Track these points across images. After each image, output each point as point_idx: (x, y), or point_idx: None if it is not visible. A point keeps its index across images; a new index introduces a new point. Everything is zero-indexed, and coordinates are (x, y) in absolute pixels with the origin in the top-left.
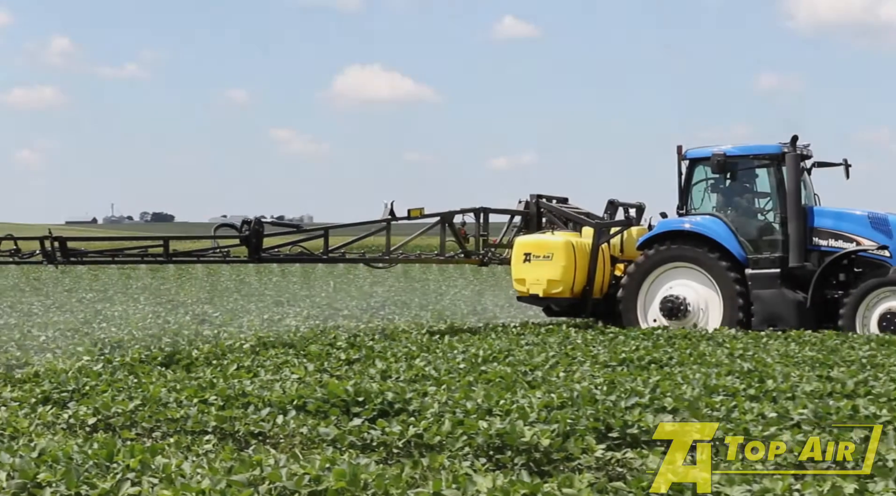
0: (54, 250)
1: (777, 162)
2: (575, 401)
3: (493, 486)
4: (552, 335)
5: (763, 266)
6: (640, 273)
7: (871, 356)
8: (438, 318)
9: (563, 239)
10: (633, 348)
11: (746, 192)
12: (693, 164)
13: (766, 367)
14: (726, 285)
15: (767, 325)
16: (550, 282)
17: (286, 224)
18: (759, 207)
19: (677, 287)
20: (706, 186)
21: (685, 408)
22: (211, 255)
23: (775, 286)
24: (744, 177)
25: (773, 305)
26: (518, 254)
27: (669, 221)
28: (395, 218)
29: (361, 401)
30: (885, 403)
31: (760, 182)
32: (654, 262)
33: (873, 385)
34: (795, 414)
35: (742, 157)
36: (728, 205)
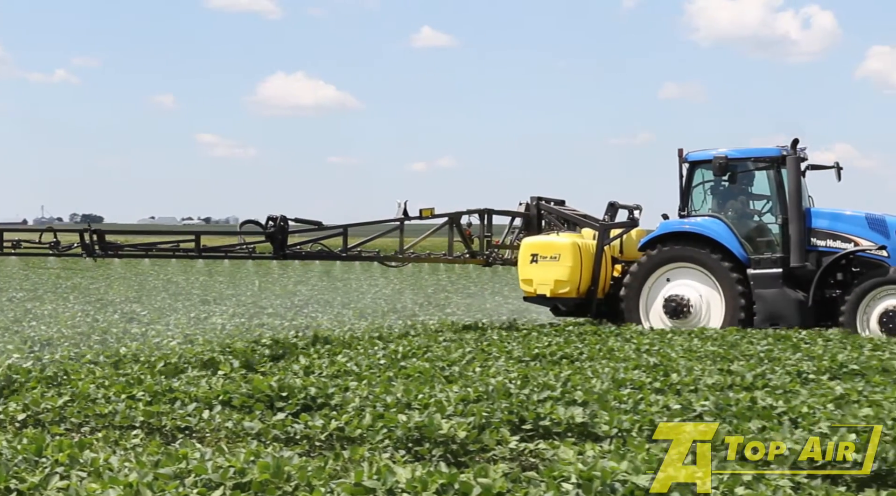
0: (93, 243)
1: (777, 164)
2: (490, 395)
3: (411, 477)
4: (469, 332)
5: (765, 266)
6: (642, 273)
7: (768, 350)
8: (360, 316)
9: (569, 240)
10: (545, 344)
11: (746, 194)
12: (693, 167)
13: (671, 362)
14: (728, 285)
15: (769, 324)
16: (558, 282)
17: (308, 221)
18: (759, 209)
19: (679, 287)
20: (706, 188)
21: (594, 400)
22: (238, 251)
23: (777, 286)
24: (743, 179)
25: (774, 305)
26: (525, 254)
27: (671, 223)
28: (409, 217)
29: (285, 396)
30: (782, 395)
31: (759, 184)
32: (656, 263)
33: (770, 378)
34: (698, 406)
35: (742, 160)
36: (728, 206)
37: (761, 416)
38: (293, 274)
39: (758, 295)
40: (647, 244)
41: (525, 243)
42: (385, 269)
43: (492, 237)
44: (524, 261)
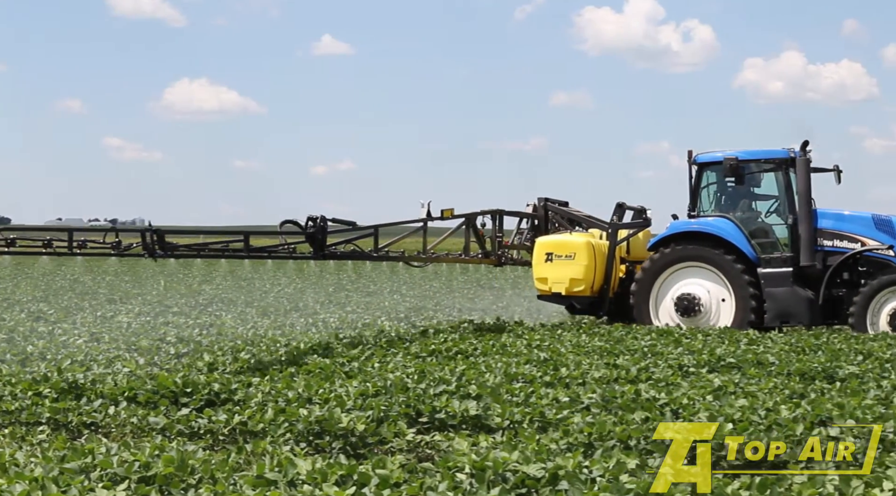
0: (153, 243)
1: (785, 166)
2: (388, 390)
3: (312, 469)
4: (368, 329)
5: (775, 265)
6: (652, 273)
7: (651, 345)
8: (263, 314)
9: (584, 239)
10: (441, 340)
11: (753, 195)
12: (702, 168)
13: (560, 357)
14: (738, 284)
15: (780, 322)
16: (573, 280)
17: (343, 222)
18: (767, 209)
19: (689, 286)
20: (714, 189)
21: (488, 394)
22: (281, 251)
23: (788, 284)
24: (750, 180)
25: (785, 303)
26: (539, 253)
27: (681, 223)
28: (432, 217)
29: (189, 392)
30: (664, 387)
31: (767, 185)
32: (666, 262)
33: (653, 371)
34: (585, 398)
35: (752, 161)
36: (737, 207)
37: (645, 408)
38: (198, 273)
39: (768, 293)
40: (657, 244)
41: (540, 242)
42: (287, 269)
43: (503, 237)
44: (539, 260)
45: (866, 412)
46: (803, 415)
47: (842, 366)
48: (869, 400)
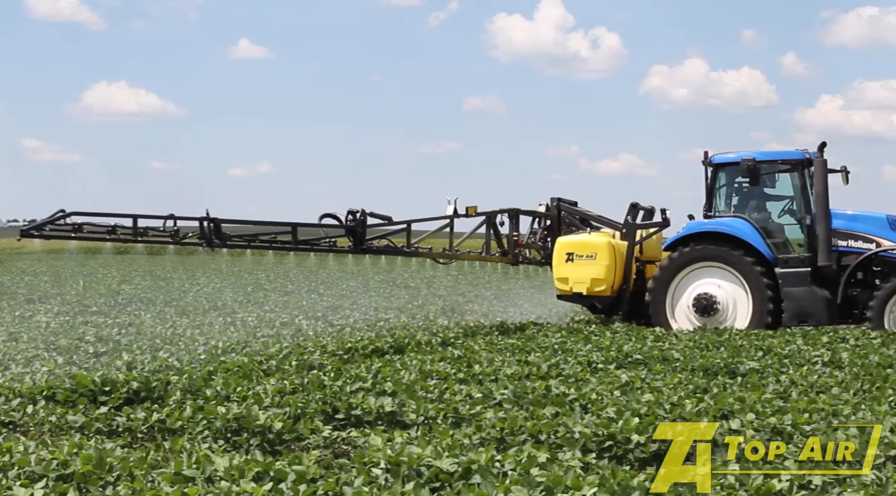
0: (210, 232)
1: (801, 167)
2: (305, 387)
3: (229, 466)
4: (286, 328)
5: (793, 265)
6: (669, 272)
7: (562, 343)
8: (182, 313)
9: (605, 239)
10: (358, 339)
11: (769, 196)
12: (717, 169)
13: (474, 354)
14: (756, 284)
15: (798, 322)
16: (594, 280)
17: (381, 216)
18: (782, 209)
19: (706, 286)
20: (730, 190)
21: (403, 391)
22: (322, 244)
23: (806, 284)
24: (765, 180)
25: (803, 302)
26: (560, 253)
27: (698, 223)
28: (458, 214)
29: (108, 390)
30: (573, 383)
31: (782, 185)
32: (683, 262)
33: (563, 367)
34: (498, 394)
35: (769, 162)
36: (752, 207)
37: (555, 403)
38: (116, 273)
39: (786, 293)
40: (674, 244)
41: (560, 242)
42: (206, 269)
43: (519, 237)
44: (559, 260)
45: (766, 405)
46: (706, 408)
47: (743, 361)
48: (768, 394)
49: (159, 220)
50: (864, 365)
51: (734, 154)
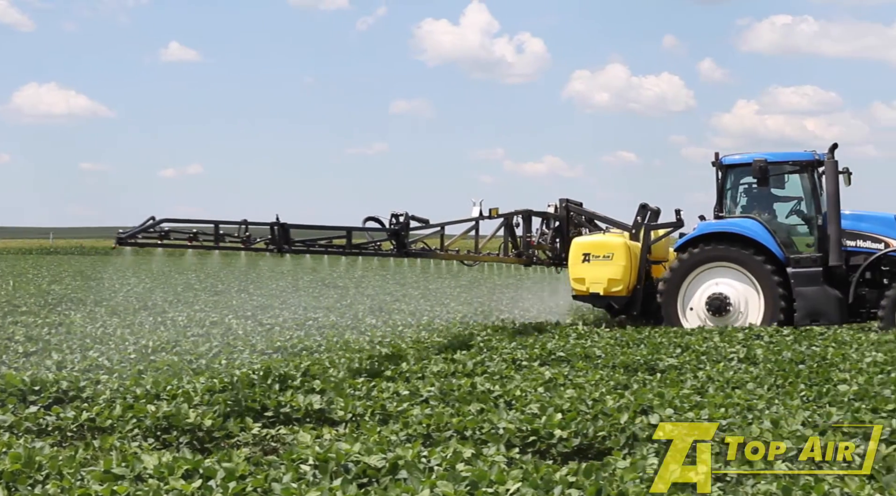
0: (280, 237)
1: (811, 168)
2: (235, 386)
3: (159, 463)
4: (216, 327)
5: (805, 265)
6: (681, 273)
7: (487, 340)
8: (112, 313)
9: (622, 240)
10: (287, 338)
11: (778, 196)
12: (727, 170)
13: (402, 352)
14: (768, 283)
15: (810, 321)
16: (611, 281)
17: (419, 219)
18: (792, 210)
19: (719, 286)
20: (740, 190)
21: (331, 389)
22: (371, 248)
23: (818, 283)
24: (775, 181)
25: (816, 302)
26: (576, 254)
27: (710, 223)
28: (482, 216)
29: (37, 389)
30: (498, 380)
31: (791, 186)
32: (695, 262)
33: (489, 365)
34: (424, 391)
35: (779, 164)
36: (762, 207)
37: (480, 400)
38: (47, 273)
39: (798, 292)
40: (686, 244)
41: (576, 243)
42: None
43: (531, 237)
44: (576, 261)
45: (684, 401)
46: (626, 404)
47: (662, 358)
48: (686, 389)
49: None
50: (777, 361)
51: (745, 155)
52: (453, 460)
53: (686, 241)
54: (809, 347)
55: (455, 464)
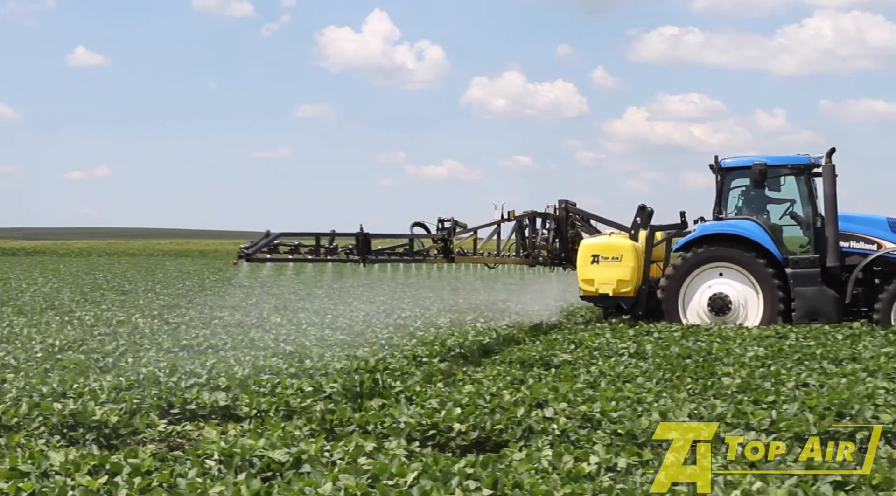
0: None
1: (807, 171)
2: (141, 383)
3: (65, 460)
4: (123, 326)
5: (803, 265)
6: (683, 272)
7: (389, 338)
8: (19, 313)
9: (629, 242)
10: (193, 336)
11: (775, 199)
12: (726, 173)
13: (305, 349)
14: (767, 283)
15: (809, 320)
16: (620, 281)
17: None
18: (788, 212)
19: (719, 286)
20: (738, 193)
21: (236, 385)
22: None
23: (816, 284)
24: (771, 184)
25: (814, 301)
26: (585, 255)
27: (710, 225)
28: (504, 219)
29: None
30: (399, 376)
31: (787, 189)
32: (697, 262)
33: (390, 361)
34: (328, 388)
35: (777, 167)
36: (760, 209)
37: (382, 395)
38: None
39: (797, 292)
40: (686, 245)
41: (585, 244)
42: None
43: (538, 238)
44: (585, 262)
45: (577, 395)
46: (523, 398)
47: (556, 354)
48: (580, 384)
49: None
50: (665, 356)
51: (744, 158)
52: (355, 454)
53: (688, 242)
54: (696, 343)
55: (357, 458)
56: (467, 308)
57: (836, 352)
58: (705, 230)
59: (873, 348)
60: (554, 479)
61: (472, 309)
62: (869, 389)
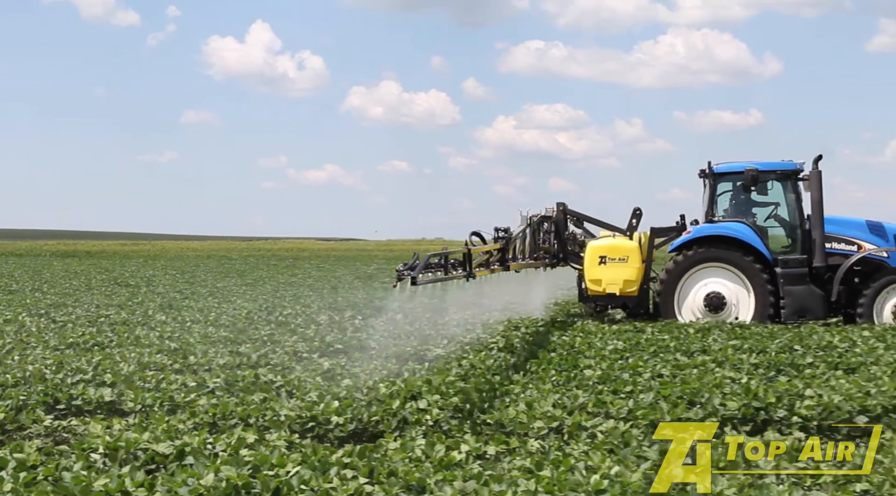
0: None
1: (794, 176)
2: (28, 380)
3: None
4: (9, 324)
5: (792, 266)
6: (679, 272)
7: (270, 334)
8: None
9: (634, 244)
10: (80, 334)
11: (763, 202)
12: (717, 178)
13: (189, 346)
14: (758, 282)
15: (797, 317)
16: (626, 282)
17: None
18: (775, 215)
19: (713, 285)
20: (730, 197)
21: (122, 381)
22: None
23: (805, 283)
24: (759, 188)
25: (803, 300)
26: (593, 256)
27: (704, 227)
28: (530, 225)
29: None
30: (280, 371)
31: (774, 193)
32: (692, 262)
33: (272, 357)
34: (211, 382)
35: (767, 172)
36: (747, 212)
37: (263, 390)
38: None
39: (787, 291)
40: (682, 246)
41: (592, 246)
42: None
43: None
44: (592, 263)
45: (449, 387)
46: (398, 391)
47: (430, 349)
48: (451, 377)
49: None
50: (531, 349)
51: (735, 164)
52: (237, 446)
53: (683, 243)
54: (560, 337)
55: (238, 450)
56: (345, 306)
57: (688, 345)
58: (699, 232)
59: (722, 341)
60: (427, 467)
61: (350, 306)
62: (717, 379)
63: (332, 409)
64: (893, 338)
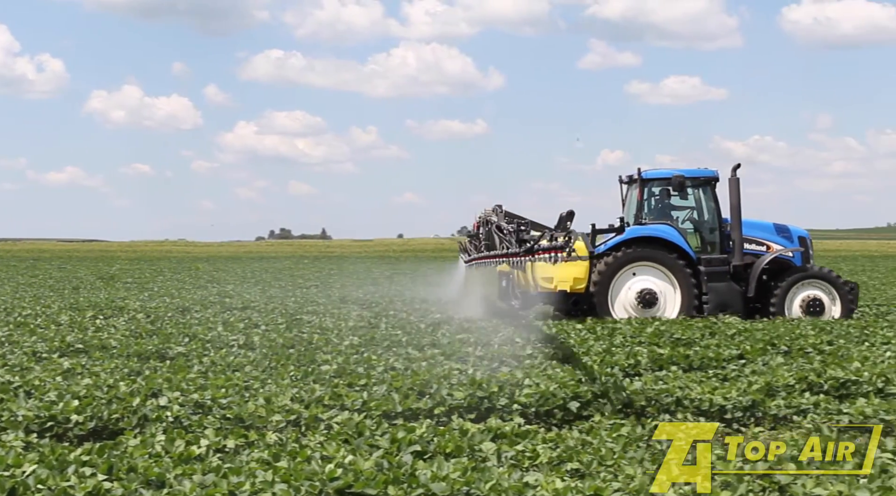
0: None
1: (713, 182)
2: None
3: None
4: None
5: (715, 264)
6: (612, 270)
7: (8, 335)
8: None
9: (581, 243)
10: None
11: (678, 206)
12: (645, 183)
13: None
14: (684, 280)
15: (719, 311)
16: (577, 279)
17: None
18: (694, 217)
19: (643, 282)
20: (655, 201)
21: None
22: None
23: (725, 280)
24: (682, 193)
25: (724, 295)
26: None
27: (635, 228)
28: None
29: None
30: (19, 372)
31: (695, 197)
32: (624, 261)
33: (10, 358)
34: None
35: (691, 178)
36: (668, 215)
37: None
38: None
39: (710, 287)
40: (614, 247)
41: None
42: None
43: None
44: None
45: (190, 384)
46: (139, 389)
47: (172, 347)
48: (193, 374)
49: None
50: (271, 346)
51: (663, 170)
52: None
53: (613, 245)
54: (298, 334)
55: None
56: (87, 306)
57: (419, 339)
58: (631, 233)
59: (450, 335)
60: (167, 462)
61: (92, 306)
62: (445, 371)
63: (72, 408)
64: (602, 330)
